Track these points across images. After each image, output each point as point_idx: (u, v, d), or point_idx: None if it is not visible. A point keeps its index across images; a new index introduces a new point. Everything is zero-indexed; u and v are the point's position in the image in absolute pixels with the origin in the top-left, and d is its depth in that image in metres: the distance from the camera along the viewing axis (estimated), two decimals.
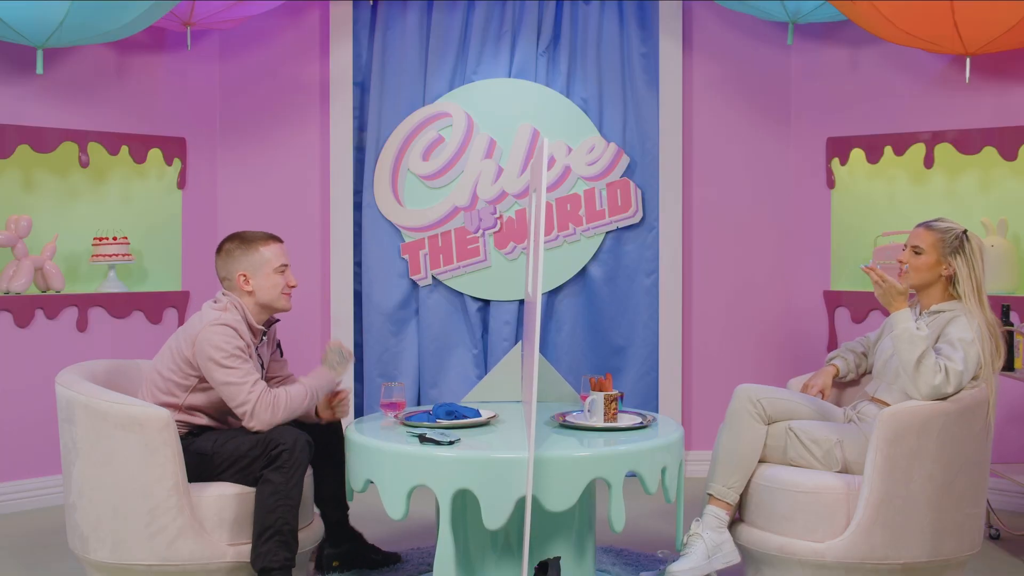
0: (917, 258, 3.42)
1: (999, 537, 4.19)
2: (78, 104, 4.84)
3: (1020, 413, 4.57)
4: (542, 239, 3.00)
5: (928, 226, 3.44)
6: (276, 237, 3.54)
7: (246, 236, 3.51)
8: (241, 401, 3.25)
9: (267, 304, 3.47)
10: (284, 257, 3.50)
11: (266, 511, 3.17)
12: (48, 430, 4.32)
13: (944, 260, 3.39)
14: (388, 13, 5.22)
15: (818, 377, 3.75)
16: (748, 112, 5.25)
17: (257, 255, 3.45)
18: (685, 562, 3.31)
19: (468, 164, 5.15)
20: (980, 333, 3.26)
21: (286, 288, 3.49)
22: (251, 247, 3.46)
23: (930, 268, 3.40)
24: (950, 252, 3.38)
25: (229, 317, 3.35)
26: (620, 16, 5.22)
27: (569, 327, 5.21)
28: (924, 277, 3.42)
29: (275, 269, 3.46)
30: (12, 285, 4.68)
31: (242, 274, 3.44)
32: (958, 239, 3.37)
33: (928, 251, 3.40)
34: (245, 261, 3.45)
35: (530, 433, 2.93)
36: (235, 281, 3.44)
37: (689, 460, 5.15)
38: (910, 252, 3.44)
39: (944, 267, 3.39)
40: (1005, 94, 4.65)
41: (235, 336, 3.31)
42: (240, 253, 3.46)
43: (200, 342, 3.29)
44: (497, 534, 3.25)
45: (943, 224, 3.43)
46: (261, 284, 3.44)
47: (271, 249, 3.48)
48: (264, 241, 3.49)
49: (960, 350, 3.22)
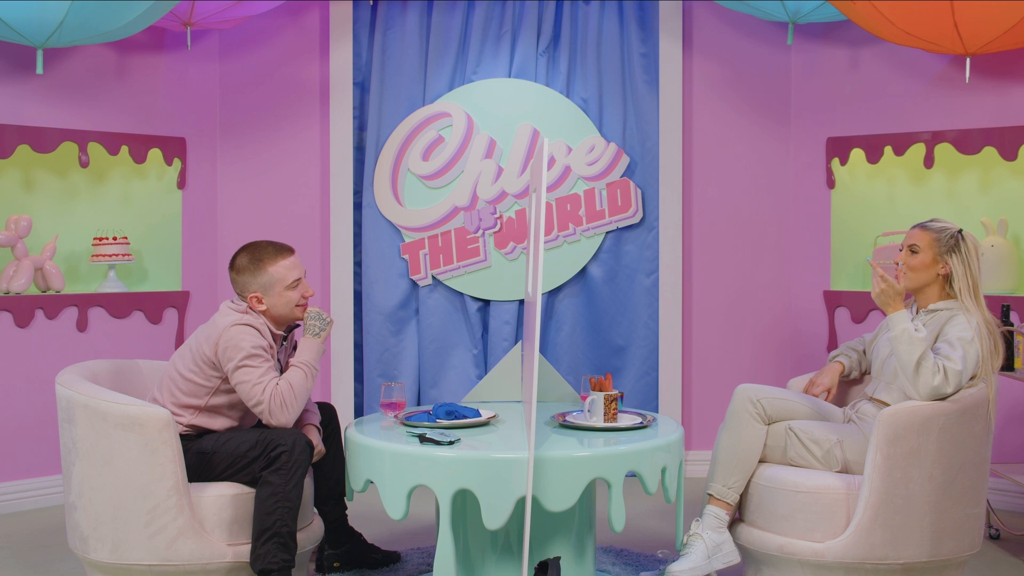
0: (914, 257, 3.43)
1: (999, 537, 4.19)
2: (78, 104, 4.84)
3: (1020, 413, 4.56)
4: (542, 239, 3.00)
5: (923, 226, 3.46)
6: (287, 249, 3.46)
7: (255, 252, 3.42)
8: (258, 400, 3.25)
9: (283, 318, 3.44)
10: (296, 271, 3.43)
11: (265, 513, 3.17)
12: (48, 430, 4.33)
13: (940, 259, 3.40)
14: (388, 13, 5.22)
15: (824, 375, 3.74)
16: (748, 112, 5.25)
17: (266, 275, 3.39)
18: (685, 562, 3.31)
19: (468, 164, 5.15)
20: (979, 331, 3.27)
21: (301, 300, 3.44)
22: (260, 267, 3.39)
23: (927, 267, 3.41)
24: (946, 251, 3.40)
25: (251, 318, 3.34)
26: (620, 16, 5.22)
27: (569, 327, 5.21)
28: (921, 277, 3.43)
29: (287, 286, 3.40)
30: (12, 285, 4.68)
31: (254, 295, 3.39)
32: (953, 238, 3.39)
33: (924, 250, 3.41)
34: (255, 283, 3.39)
35: (530, 433, 2.93)
36: (248, 301, 3.40)
37: (689, 460, 5.15)
38: (907, 252, 3.45)
39: (941, 266, 3.41)
40: (1005, 94, 4.65)
41: (256, 335, 3.30)
42: (250, 273, 3.39)
43: (222, 342, 3.28)
44: (497, 534, 3.25)
45: (938, 224, 3.45)
46: (274, 303, 3.40)
47: (280, 267, 3.40)
48: (273, 258, 3.41)
49: (959, 349, 3.23)
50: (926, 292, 3.46)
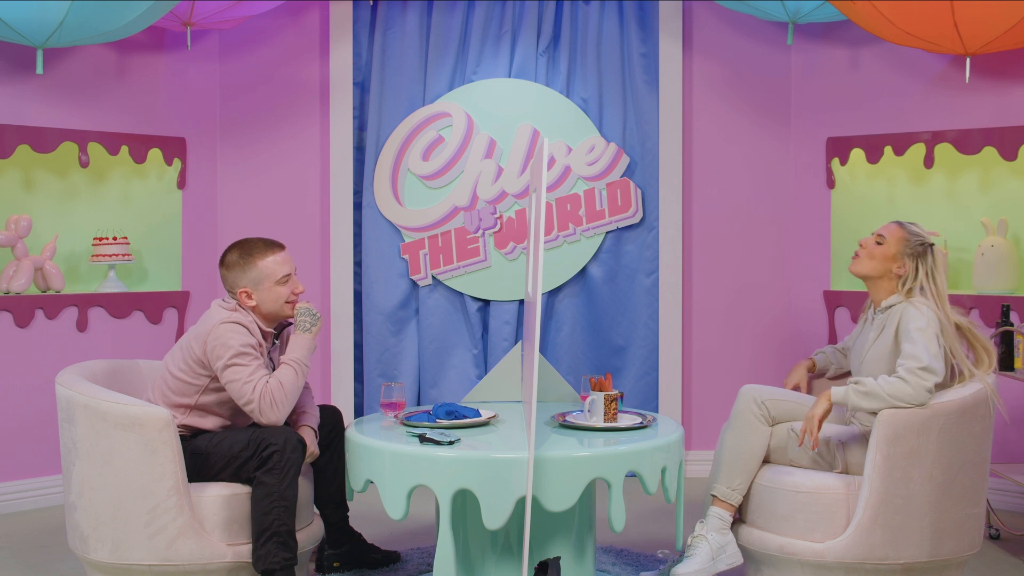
0: (876, 247, 3.46)
1: (999, 537, 4.19)
2: (78, 104, 4.84)
3: (1020, 413, 4.56)
4: (542, 239, 3.00)
5: (900, 224, 3.49)
6: (277, 245, 3.46)
7: (245, 248, 3.43)
8: (248, 399, 3.25)
9: (273, 315, 3.44)
10: (287, 266, 3.43)
11: (262, 513, 3.17)
12: (48, 430, 4.33)
13: (901, 259, 3.42)
14: (388, 13, 5.22)
15: (790, 376, 3.76)
16: (748, 112, 5.25)
17: (255, 270, 3.39)
18: (690, 564, 3.30)
19: (468, 164, 5.15)
20: (929, 317, 3.27)
21: (291, 297, 3.43)
22: (250, 262, 3.39)
23: (885, 260, 3.43)
24: (910, 253, 3.42)
25: (240, 316, 3.34)
26: (620, 16, 5.22)
27: (569, 327, 5.21)
28: (876, 267, 3.45)
29: (277, 281, 3.40)
30: (12, 285, 4.68)
31: (244, 290, 3.39)
32: (923, 245, 3.42)
33: (890, 244, 3.44)
34: (245, 277, 3.39)
35: (530, 433, 2.93)
36: (238, 296, 3.40)
37: (689, 460, 5.15)
38: (874, 239, 3.48)
39: (898, 265, 3.42)
40: (1005, 94, 4.65)
41: (245, 334, 3.30)
42: (239, 268, 3.39)
43: (211, 340, 3.28)
44: (497, 534, 3.25)
45: (914, 228, 3.47)
46: (264, 298, 3.40)
47: (270, 262, 3.40)
48: (263, 253, 3.41)
49: (919, 340, 3.22)
50: (879, 285, 3.47)
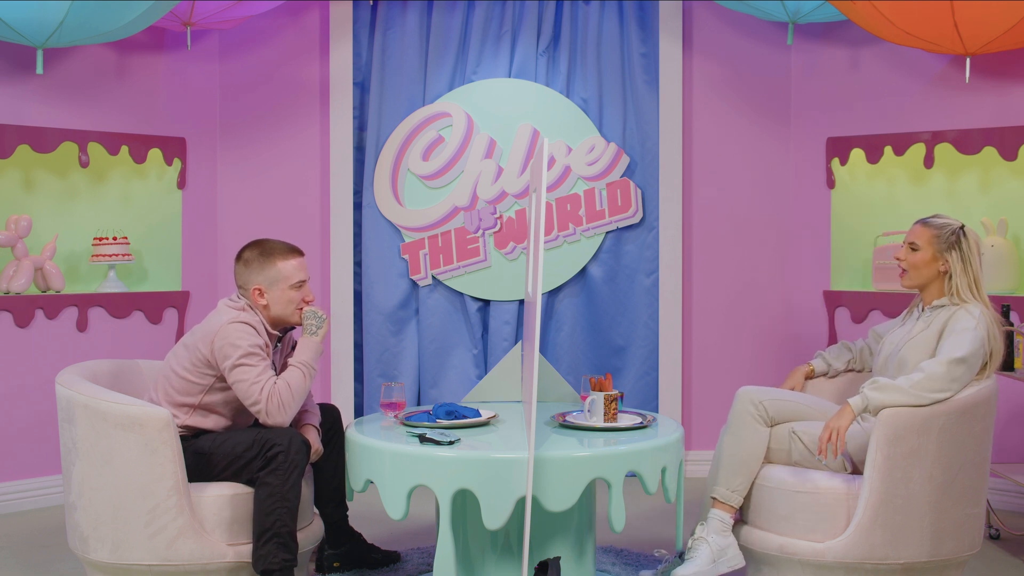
0: (914, 255, 3.43)
1: (999, 537, 4.19)
2: (78, 104, 4.84)
3: (1020, 413, 4.57)
4: (542, 239, 3.00)
5: (924, 222, 3.46)
6: (297, 250, 3.47)
7: (266, 247, 3.43)
8: (255, 400, 3.25)
9: (280, 318, 3.43)
10: (302, 272, 3.44)
11: (264, 513, 3.17)
12: (48, 430, 4.33)
13: (940, 256, 3.40)
14: (388, 13, 5.22)
15: (787, 381, 3.76)
16: (748, 112, 5.25)
17: (274, 270, 3.39)
18: (690, 566, 3.29)
19: (468, 164, 5.15)
20: (981, 318, 3.27)
21: (301, 304, 3.43)
22: (269, 261, 3.40)
23: (927, 264, 3.41)
24: (945, 248, 3.39)
25: (248, 316, 3.34)
26: (620, 16, 5.22)
27: (569, 327, 5.21)
28: (922, 275, 3.43)
29: (291, 285, 3.40)
30: (12, 285, 4.68)
31: (257, 288, 3.39)
32: (954, 235, 3.39)
33: (924, 247, 3.41)
34: (262, 275, 3.39)
35: (530, 433, 2.93)
36: (250, 293, 3.40)
37: (689, 460, 5.15)
38: (907, 249, 3.45)
39: (940, 263, 3.40)
40: (1005, 94, 4.65)
41: (253, 334, 3.30)
42: (257, 266, 3.40)
43: (218, 340, 3.28)
44: (497, 534, 3.25)
45: (939, 220, 3.44)
46: (276, 299, 3.40)
47: (289, 265, 3.41)
48: (283, 256, 3.42)
49: (963, 337, 3.21)
50: (929, 289, 3.45)
